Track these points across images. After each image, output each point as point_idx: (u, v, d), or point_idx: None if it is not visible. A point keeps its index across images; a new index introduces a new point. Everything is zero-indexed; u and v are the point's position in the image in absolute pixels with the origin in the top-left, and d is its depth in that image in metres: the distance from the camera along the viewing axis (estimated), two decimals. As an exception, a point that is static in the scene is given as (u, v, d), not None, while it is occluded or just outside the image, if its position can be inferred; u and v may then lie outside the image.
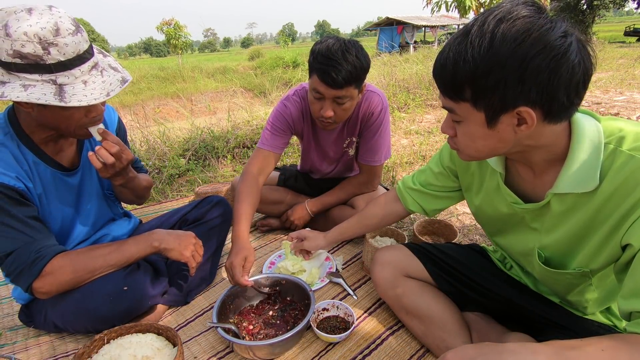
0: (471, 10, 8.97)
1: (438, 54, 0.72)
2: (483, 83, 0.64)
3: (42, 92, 0.85)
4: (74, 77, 0.89)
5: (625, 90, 5.50)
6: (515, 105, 0.64)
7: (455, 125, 0.76)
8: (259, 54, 27.90)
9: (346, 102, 1.39)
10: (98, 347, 1.02)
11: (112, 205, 1.38)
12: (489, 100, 0.66)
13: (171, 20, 22.43)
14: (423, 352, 1.15)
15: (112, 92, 0.94)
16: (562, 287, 0.90)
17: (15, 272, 0.97)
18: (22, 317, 1.26)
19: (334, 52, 1.29)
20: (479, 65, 0.64)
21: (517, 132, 0.68)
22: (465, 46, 0.65)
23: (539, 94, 0.63)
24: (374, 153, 1.64)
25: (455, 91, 0.69)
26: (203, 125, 4.08)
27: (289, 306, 1.31)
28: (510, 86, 0.63)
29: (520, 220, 0.90)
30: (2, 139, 0.98)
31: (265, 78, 11.84)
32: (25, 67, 0.85)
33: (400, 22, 23.45)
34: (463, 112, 0.71)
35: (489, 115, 0.68)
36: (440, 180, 1.14)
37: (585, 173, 0.70)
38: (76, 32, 0.88)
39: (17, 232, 0.96)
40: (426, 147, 3.34)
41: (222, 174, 2.97)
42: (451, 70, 0.67)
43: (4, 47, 0.83)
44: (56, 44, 0.84)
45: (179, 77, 16.16)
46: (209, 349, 1.20)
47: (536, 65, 0.60)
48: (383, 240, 1.56)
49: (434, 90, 5.48)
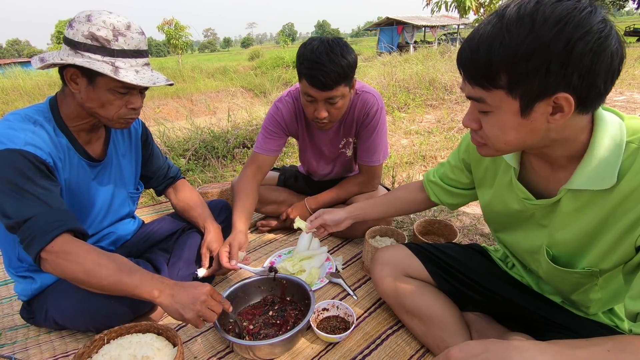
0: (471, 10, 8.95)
1: (465, 40, 0.68)
2: (523, 68, 0.61)
3: (101, 66, 0.99)
4: (129, 65, 1.03)
5: (625, 90, 5.50)
6: (555, 91, 0.61)
7: (482, 116, 0.72)
8: (259, 54, 27.89)
9: (338, 101, 1.40)
10: (98, 347, 1.01)
11: (131, 204, 1.41)
12: (527, 87, 0.63)
13: (172, 20, 22.43)
14: (423, 352, 1.15)
15: (157, 82, 1.06)
16: (567, 286, 0.89)
17: (28, 238, 0.97)
18: (23, 314, 1.27)
19: (319, 55, 1.29)
20: (519, 49, 0.60)
21: (549, 121, 0.66)
22: (501, 30, 0.61)
23: (580, 79, 0.60)
24: (372, 153, 1.65)
25: (488, 78, 0.65)
26: (203, 125, 4.08)
27: (289, 306, 1.31)
28: (553, 70, 0.60)
29: (530, 217, 0.89)
30: (42, 121, 1.08)
31: (265, 78, 11.84)
32: (92, 48, 1.00)
33: (400, 22, 23.45)
34: (495, 100, 0.67)
35: (525, 103, 0.64)
36: (455, 174, 1.13)
37: (604, 170, 0.69)
38: (142, 34, 1.07)
39: (39, 201, 0.99)
40: (426, 147, 3.34)
41: (222, 174, 2.97)
42: (485, 55, 0.63)
43: (82, 29, 0.99)
44: (125, 35, 1.02)
45: (179, 77, 16.13)
46: (209, 349, 1.20)
47: (580, 48, 0.58)
48: (383, 240, 1.56)
49: (433, 90, 5.49)
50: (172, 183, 1.52)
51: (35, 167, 0.99)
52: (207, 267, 1.41)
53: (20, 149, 0.98)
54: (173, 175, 1.52)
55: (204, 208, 1.52)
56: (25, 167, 0.97)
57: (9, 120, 1.03)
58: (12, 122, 1.02)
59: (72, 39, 1.00)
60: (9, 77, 13.88)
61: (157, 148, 1.48)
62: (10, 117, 1.04)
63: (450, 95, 5.35)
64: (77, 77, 1.03)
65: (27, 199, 0.97)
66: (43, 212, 0.98)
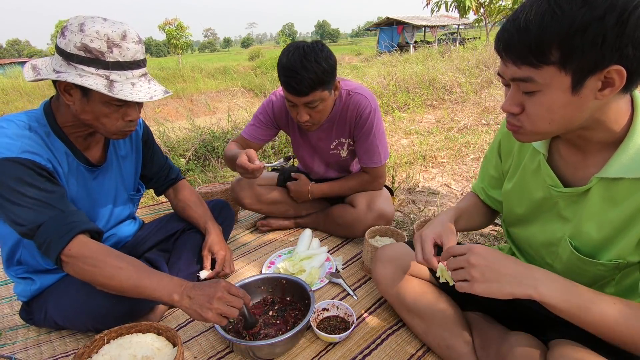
0: (471, 10, 8.97)
1: (506, 22, 0.68)
2: (578, 41, 0.60)
3: (95, 82, 0.95)
4: (125, 78, 0.98)
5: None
6: (610, 63, 0.61)
7: (526, 98, 0.70)
8: (259, 54, 27.88)
9: (318, 105, 1.43)
10: (98, 347, 1.01)
11: (131, 206, 1.41)
12: (582, 60, 0.62)
13: (174, 20, 22.42)
14: (423, 351, 1.15)
15: (154, 97, 1.02)
16: (586, 279, 0.86)
17: (45, 244, 0.97)
18: (22, 314, 1.27)
19: (293, 63, 1.32)
20: (574, 23, 0.60)
21: (597, 97, 0.65)
22: (550, 6, 0.61)
23: (634, 50, 0.60)
24: (372, 155, 1.65)
25: (538, 55, 0.64)
26: (203, 125, 4.08)
27: (289, 306, 1.31)
28: (608, 43, 0.59)
29: (552, 207, 0.88)
30: (36, 127, 1.05)
31: (265, 78, 11.84)
32: (85, 60, 0.95)
33: (400, 22, 23.43)
34: (545, 78, 0.65)
35: (577, 78, 0.64)
36: (497, 170, 1.09)
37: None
38: (138, 43, 1.01)
39: (48, 205, 0.98)
40: (426, 147, 3.34)
41: (222, 174, 2.97)
42: (537, 31, 0.62)
43: (74, 40, 0.94)
44: (120, 46, 0.96)
45: (179, 77, 16.14)
46: (209, 349, 1.20)
47: (634, 19, 0.58)
48: (383, 240, 1.56)
49: (433, 90, 5.49)
50: (172, 184, 1.52)
51: (36, 172, 0.98)
52: (208, 269, 1.41)
53: (17, 157, 0.96)
54: (174, 176, 1.52)
55: (204, 209, 1.52)
56: (26, 174, 0.96)
57: (3, 128, 1.00)
58: (6, 130, 0.99)
59: (64, 50, 0.95)
60: (9, 77, 13.89)
61: (159, 148, 1.47)
62: (4, 123, 1.01)
63: (450, 95, 5.35)
64: (70, 89, 0.99)
65: (35, 204, 0.97)
66: (54, 215, 0.98)
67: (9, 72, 14.80)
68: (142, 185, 1.45)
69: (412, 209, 2.21)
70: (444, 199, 2.34)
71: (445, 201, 2.31)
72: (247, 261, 1.70)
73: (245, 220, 2.14)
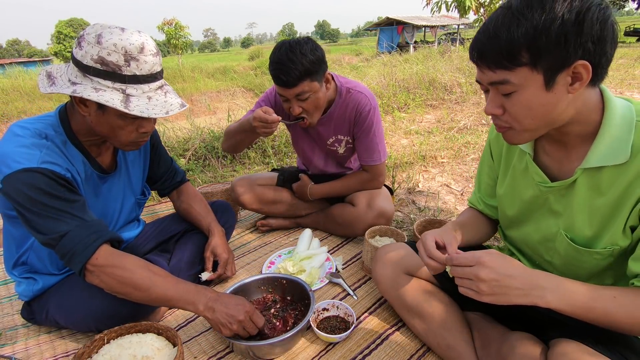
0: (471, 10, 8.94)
1: (478, 32, 0.74)
2: (544, 42, 0.67)
3: (111, 97, 0.93)
4: (141, 91, 0.97)
5: (625, 90, 5.50)
6: (575, 59, 0.67)
7: (505, 100, 0.76)
8: (259, 54, 27.90)
9: (309, 97, 1.47)
10: (98, 347, 1.01)
11: (137, 210, 1.42)
12: (550, 59, 0.68)
13: (172, 20, 22.42)
14: (423, 351, 1.15)
15: (170, 112, 1.01)
16: (585, 271, 0.89)
17: (69, 254, 0.97)
18: (23, 314, 1.27)
19: (279, 56, 1.40)
20: (537, 26, 0.66)
21: (569, 91, 0.71)
22: (514, 14, 0.68)
23: (594, 46, 0.67)
24: (372, 152, 1.67)
25: (510, 58, 0.70)
26: (203, 125, 4.08)
27: (289, 306, 1.31)
28: (570, 40, 0.66)
29: (543, 204, 0.91)
30: (53, 136, 1.04)
31: (265, 78, 11.85)
32: (102, 73, 0.93)
33: (400, 22, 23.42)
34: (519, 78, 0.71)
35: (548, 75, 0.70)
36: (491, 177, 1.10)
37: (617, 145, 0.74)
38: (156, 55, 0.99)
39: (70, 215, 0.98)
40: (426, 147, 3.34)
41: (222, 174, 2.97)
42: (506, 37, 0.69)
43: (91, 52, 0.92)
44: (137, 59, 0.94)
45: (178, 77, 16.13)
46: (209, 349, 1.20)
47: (590, 17, 0.65)
48: (382, 240, 1.56)
49: (433, 90, 5.48)
50: (177, 187, 1.52)
51: (57, 182, 0.98)
52: (210, 271, 1.42)
53: (37, 167, 0.95)
54: (179, 179, 1.51)
55: (208, 210, 1.52)
56: (46, 184, 0.96)
57: (20, 136, 0.98)
58: (23, 139, 0.98)
59: (80, 61, 0.94)
60: (9, 77, 13.89)
61: (165, 150, 1.48)
62: (20, 131, 1.00)
63: (450, 95, 5.35)
64: (86, 100, 0.98)
65: (58, 214, 0.97)
66: (78, 225, 0.98)
67: (9, 72, 14.79)
68: (148, 188, 1.46)
69: (412, 209, 2.22)
70: (444, 198, 2.34)
71: (446, 201, 2.31)
72: (247, 261, 1.70)
73: (245, 220, 2.14)
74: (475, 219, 1.15)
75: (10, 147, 0.96)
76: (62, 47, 38.42)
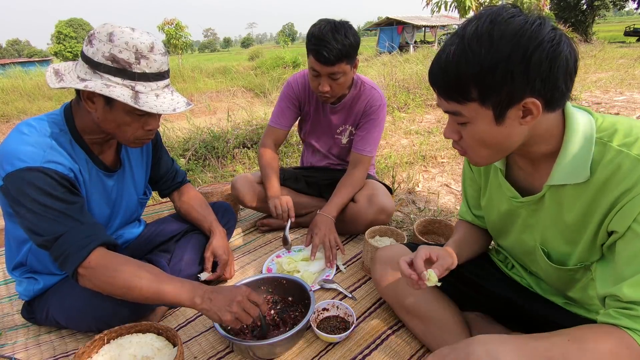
0: (471, 10, 8.95)
1: (433, 61, 0.74)
2: (490, 80, 0.66)
3: (121, 93, 0.95)
4: (149, 89, 0.99)
5: (625, 90, 5.50)
6: (523, 97, 0.67)
7: (460, 128, 0.77)
8: (259, 54, 27.89)
9: (340, 77, 1.54)
10: (98, 347, 1.02)
11: (140, 209, 1.42)
12: (497, 96, 0.68)
13: (173, 20, 22.42)
14: (423, 352, 1.15)
15: (177, 109, 1.02)
16: (565, 284, 0.91)
17: (62, 256, 0.97)
18: (24, 313, 1.28)
19: (325, 33, 1.45)
20: (484, 64, 0.66)
21: (522, 124, 0.71)
22: (464, 49, 0.67)
23: (542, 84, 0.66)
24: (367, 143, 1.73)
25: (460, 93, 0.70)
26: (203, 125, 4.09)
27: (289, 306, 1.31)
28: (517, 79, 0.65)
29: (518, 218, 0.92)
30: (58, 134, 1.05)
31: (265, 78, 11.83)
32: (112, 70, 0.95)
33: (400, 22, 23.42)
34: (470, 112, 0.72)
35: (497, 111, 0.70)
36: (474, 189, 1.10)
37: (578, 164, 0.73)
38: (164, 54, 1.02)
39: (67, 217, 0.98)
40: (426, 147, 3.34)
41: (222, 174, 2.97)
42: (455, 72, 0.69)
43: (103, 49, 0.94)
44: (147, 57, 0.97)
45: (178, 77, 16.11)
46: (209, 349, 1.20)
47: (537, 57, 0.64)
48: (382, 240, 1.56)
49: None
50: (178, 187, 1.53)
51: (58, 183, 0.98)
52: (209, 272, 1.42)
53: (40, 166, 0.96)
54: (180, 180, 1.52)
55: (209, 211, 1.52)
56: (48, 184, 0.96)
57: (25, 134, 0.99)
58: (28, 137, 0.99)
59: (91, 58, 0.95)
60: (9, 77, 13.88)
61: (166, 151, 1.48)
62: (26, 129, 1.00)
63: (450, 95, 5.34)
64: (94, 97, 0.99)
65: (55, 216, 0.97)
66: (74, 227, 0.98)
67: (9, 72, 14.79)
68: (149, 188, 1.46)
69: (412, 209, 2.22)
70: (444, 198, 2.34)
71: (446, 201, 2.31)
72: (247, 261, 1.70)
73: (245, 220, 2.13)
74: (469, 235, 1.13)
75: (16, 145, 0.97)
76: (62, 47, 38.43)
